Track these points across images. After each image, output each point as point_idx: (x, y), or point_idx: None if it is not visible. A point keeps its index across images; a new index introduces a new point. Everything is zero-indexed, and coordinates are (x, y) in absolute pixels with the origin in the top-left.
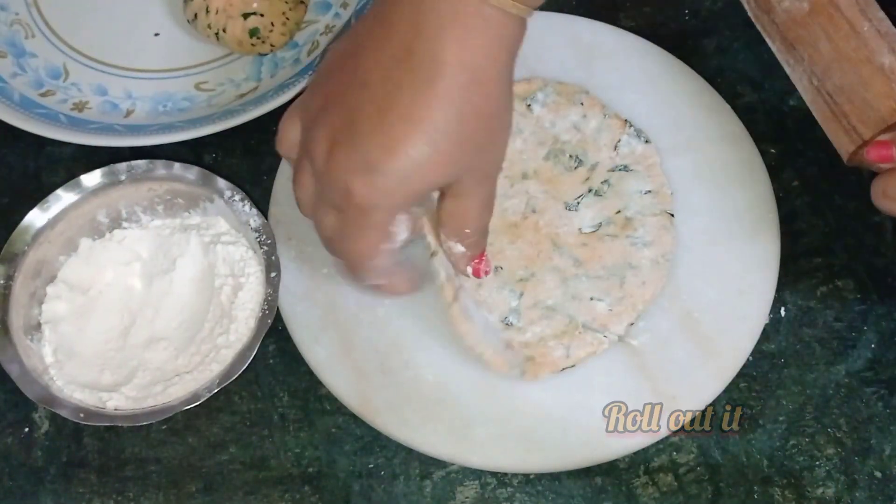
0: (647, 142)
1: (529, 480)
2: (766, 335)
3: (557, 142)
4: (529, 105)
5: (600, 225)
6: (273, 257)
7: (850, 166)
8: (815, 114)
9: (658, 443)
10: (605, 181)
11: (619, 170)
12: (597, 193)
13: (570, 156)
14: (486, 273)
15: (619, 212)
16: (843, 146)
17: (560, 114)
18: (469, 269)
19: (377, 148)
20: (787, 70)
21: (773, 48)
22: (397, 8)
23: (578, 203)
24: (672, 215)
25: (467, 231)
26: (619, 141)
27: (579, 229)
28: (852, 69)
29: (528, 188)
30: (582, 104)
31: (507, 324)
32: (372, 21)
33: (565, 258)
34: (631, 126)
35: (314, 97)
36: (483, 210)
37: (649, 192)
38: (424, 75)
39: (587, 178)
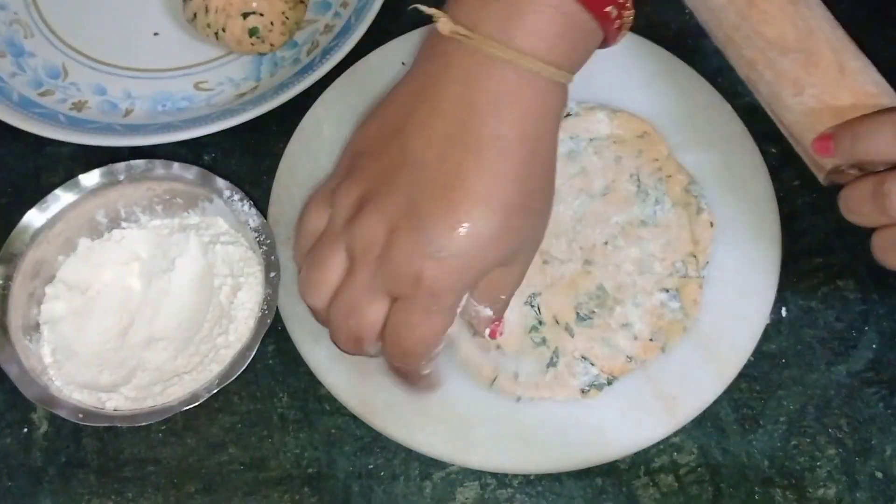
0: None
1: (529, 481)
2: (766, 335)
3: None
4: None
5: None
6: (272, 257)
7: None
8: None
9: (658, 443)
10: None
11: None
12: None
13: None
14: (501, 334)
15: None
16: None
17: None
18: (487, 331)
19: (446, 229)
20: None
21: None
22: (442, 87)
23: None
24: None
25: (502, 297)
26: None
27: (605, 243)
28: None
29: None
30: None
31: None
32: (412, 100)
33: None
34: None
35: (353, 183)
36: (521, 278)
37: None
38: (486, 152)
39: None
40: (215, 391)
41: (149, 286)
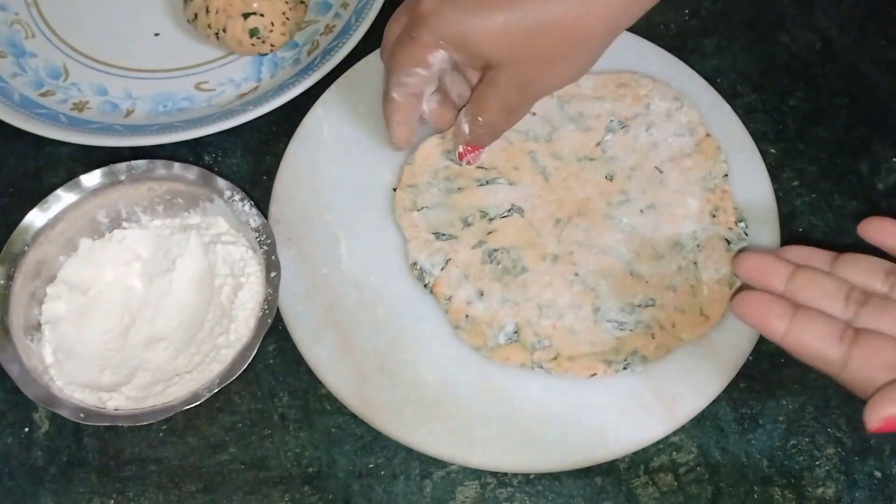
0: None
1: (529, 480)
2: None
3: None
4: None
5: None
6: (273, 257)
7: None
8: None
9: (658, 443)
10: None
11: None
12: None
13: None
14: (469, 163)
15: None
16: None
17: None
18: (459, 149)
19: None
20: None
21: None
22: None
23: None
24: (729, 242)
25: (479, 119)
26: None
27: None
28: None
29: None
30: None
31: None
32: None
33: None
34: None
35: None
36: (503, 110)
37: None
38: None
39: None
40: (216, 391)
41: (150, 286)
